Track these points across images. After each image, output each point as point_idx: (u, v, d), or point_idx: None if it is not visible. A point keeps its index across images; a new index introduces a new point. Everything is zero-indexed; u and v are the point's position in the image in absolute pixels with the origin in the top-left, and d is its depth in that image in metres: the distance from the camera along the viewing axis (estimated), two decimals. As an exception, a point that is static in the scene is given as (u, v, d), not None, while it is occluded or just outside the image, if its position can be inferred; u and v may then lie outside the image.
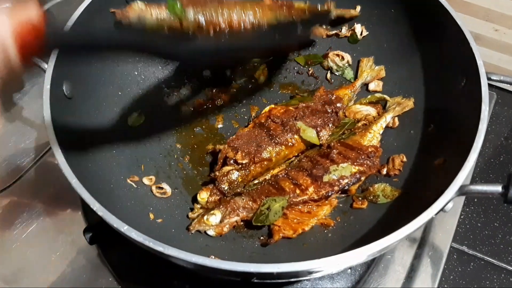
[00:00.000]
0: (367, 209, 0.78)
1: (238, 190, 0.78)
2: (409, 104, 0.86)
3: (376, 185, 0.79)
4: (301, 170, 0.78)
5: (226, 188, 0.77)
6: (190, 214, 0.77)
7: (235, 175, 0.77)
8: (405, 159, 0.81)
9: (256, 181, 0.80)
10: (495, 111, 1.06)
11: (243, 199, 0.75)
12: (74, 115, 0.76)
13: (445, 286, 0.82)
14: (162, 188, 0.81)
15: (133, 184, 0.80)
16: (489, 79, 0.72)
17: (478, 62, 0.71)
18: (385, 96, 0.90)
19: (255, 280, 0.57)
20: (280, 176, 0.79)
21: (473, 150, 0.63)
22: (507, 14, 1.07)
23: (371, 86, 0.93)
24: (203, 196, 0.76)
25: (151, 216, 0.76)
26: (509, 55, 1.16)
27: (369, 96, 0.91)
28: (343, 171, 0.77)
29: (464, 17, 1.11)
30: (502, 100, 1.08)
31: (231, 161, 0.78)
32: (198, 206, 0.77)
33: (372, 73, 0.93)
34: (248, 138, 0.81)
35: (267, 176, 0.81)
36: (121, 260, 0.81)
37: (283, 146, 0.81)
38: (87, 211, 0.86)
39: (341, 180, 0.76)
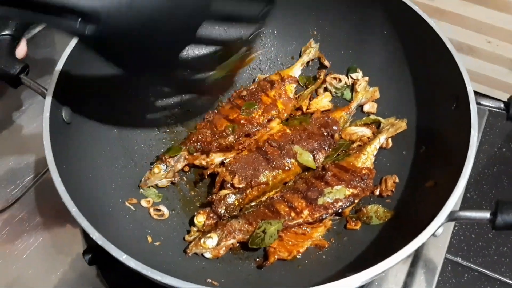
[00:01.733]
0: (360, 230, 0.79)
1: (235, 213, 0.79)
2: (402, 125, 0.87)
3: (369, 206, 0.80)
4: (296, 192, 0.80)
5: (222, 211, 0.78)
6: (187, 237, 0.78)
7: (231, 198, 0.79)
8: (397, 180, 0.83)
9: (252, 204, 0.82)
10: (488, 122, 1.07)
11: (239, 222, 0.77)
12: (73, 140, 0.77)
13: (440, 297, 0.83)
14: (159, 210, 0.82)
15: (132, 207, 0.81)
16: (478, 103, 0.74)
17: (468, 88, 0.73)
18: (379, 118, 0.91)
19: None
20: (276, 198, 0.81)
21: (462, 176, 0.65)
22: (499, 26, 1.08)
23: (366, 108, 0.94)
24: (200, 219, 0.78)
25: (149, 239, 0.77)
26: (502, 66, 1.17)
27: (364, 118, 0.93)
28: (337, 194, 0.78)
29: (457, 29, 1.13)
30: (496, 110, 1.08)
31: (228, 185, 0.79)
32: (195, 229, 0.78)
33: (366, 94, 0.94)
34: (245, 162, 0.82)
35: (263, 198, 0.82)
36: (120, 281, 0.82)
37: (280, 170, 0.82)
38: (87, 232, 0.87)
39: (335, 203, 0.78)
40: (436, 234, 0.64)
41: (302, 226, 0.78)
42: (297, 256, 0.76)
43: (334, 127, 0.88)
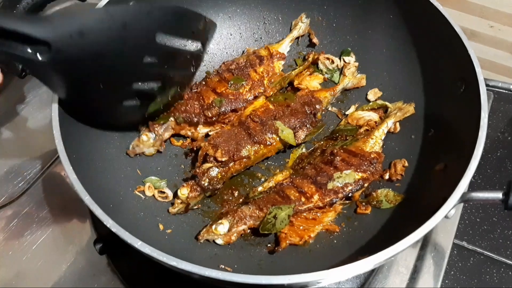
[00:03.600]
0: (370, 215, 0.79)
1: (218, 186, 0.80)
2: (410, 109, 0.87)
3: (379, 191, 0.80)
4: (305, 178, 0.80)
5: (206, 184, 0.79)
6: (171, 209, 0.79)
7: (214, 172, 0.80)
8: (406, 164, 0.82)
9: (260, 189, 0.82)
10: (491, 106, 1.07)
11: (249, 208, 0.77)
12: (81, 130, 0.77)
13: (446, 281, 0.84)
14: (163, 192, 0.83)
15: (141, 195, 0.82)
16: (486, 85, 0.74)
17: (477, 70, 0.72)
18: (386, 103, 0.91)
19: (266, 290, 0.59)
20: (285, 184, 0.81)
21: (474, 157, 0.65)
22: (502, 11, 1.09)
23: (369, 96, 0.94)
24: (184, 192, 0.78)
25: (161, 227, 0.78)
26: (504, 51, 1.18)
27: (370, 103, 0.93)
28: (347, 178, 0.79)
29: (460, 14, 1.13)
30: (498, 95, 1.08)
31: (211, 159, 0.80)
32: (179, 201, 0.79)
33: (353, 80, 0.94)
34: (228, 136, 0.82)
35: (272, 184, 0.83)
36: (131, 269, 0.82)
37: (261, 145, 0.83)
38: (96, 222, 0.87)
39: (345, 187, 0.78)
40: (448, 216, 0.65)
41: (313, 211, 0.78)
42: (309, 241, 0.76)
43: (317, 106, 0.88)
